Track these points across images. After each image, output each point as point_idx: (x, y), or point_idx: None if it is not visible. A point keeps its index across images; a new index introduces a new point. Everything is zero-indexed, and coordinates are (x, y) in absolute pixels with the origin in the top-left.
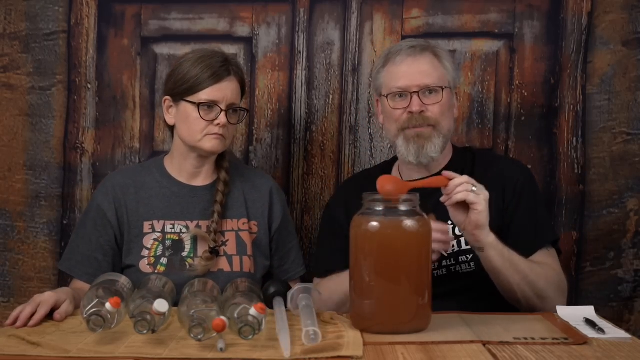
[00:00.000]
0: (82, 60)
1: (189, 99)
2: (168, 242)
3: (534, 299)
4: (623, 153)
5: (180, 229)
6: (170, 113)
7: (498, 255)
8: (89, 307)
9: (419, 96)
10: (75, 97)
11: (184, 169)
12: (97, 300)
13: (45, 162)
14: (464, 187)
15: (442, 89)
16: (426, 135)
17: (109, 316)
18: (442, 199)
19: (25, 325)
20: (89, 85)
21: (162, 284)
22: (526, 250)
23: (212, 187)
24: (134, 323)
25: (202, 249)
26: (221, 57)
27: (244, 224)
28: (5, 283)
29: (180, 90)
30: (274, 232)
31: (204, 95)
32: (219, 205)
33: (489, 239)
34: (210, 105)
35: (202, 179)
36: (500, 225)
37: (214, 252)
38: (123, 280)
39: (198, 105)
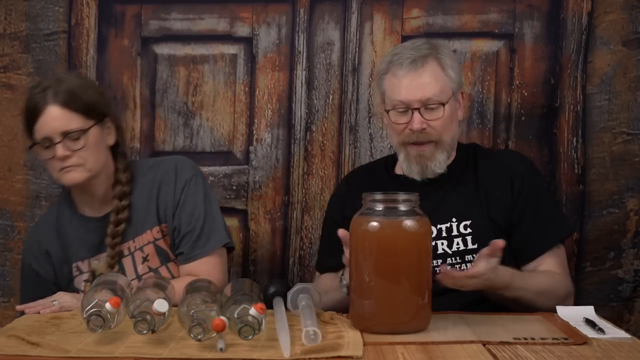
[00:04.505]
0: (83, 61)
1: (30, 145)
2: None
3: (536, 306)
4: (623, 153)
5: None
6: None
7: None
8: (89, 307)
9: (420, 113)
10: None
11: (84, 202)
12: (97, 300)
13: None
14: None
15: (444, 105)
16: (428, 155)
17: (109, 316)
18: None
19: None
20: None
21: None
22: (536, 249)
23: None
24: (134, 323)
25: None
26: (38, 88)
27: (157, 232)
28: (5, 283)
29: (28, 138)
30: (175, 214)
31: (36, 135)
32: (110, 239)
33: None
34: (46, 143)
35: (108, 207)
36: (508, 222)
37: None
38: (123, 280)
39: (33, 146)
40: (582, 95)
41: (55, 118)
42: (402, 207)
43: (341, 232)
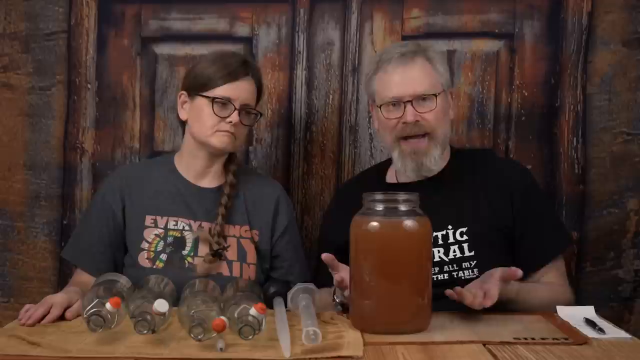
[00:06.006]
0: (82, 60)
1: (204, 94)
2: (169, 239)
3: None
4: (623, 153)
5: (183, 227)
6: (185, 108)
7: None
8: (89, 307)
9: (412, 105)
10: (75, 97)
11: (192, 168)
12: (97, 300)
13: (45, 162)
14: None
15: (436, 96)
16: (423, 150)
17: (109, 316)
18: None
19: (34, 324)
20: (89, 85)
21: (163, 284)
22: (538, 261)
23: (218, 190)
24: (134, 323)
25: (203, 250)
26: (240, 58)
27: (245, 231)
28: (5, 283)
29: (197, 85)
30: (275, 242)
31: (219, 91)
32: (223, 208)
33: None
34: (225, 102)
35: (209, 181)
36: (508, 232)
37: (217, 255)
38: (123, 280)
39: (212, 100)
40: (582, 95)
41: (246, 90)
42: (402, 207)
43: (324, 256)
